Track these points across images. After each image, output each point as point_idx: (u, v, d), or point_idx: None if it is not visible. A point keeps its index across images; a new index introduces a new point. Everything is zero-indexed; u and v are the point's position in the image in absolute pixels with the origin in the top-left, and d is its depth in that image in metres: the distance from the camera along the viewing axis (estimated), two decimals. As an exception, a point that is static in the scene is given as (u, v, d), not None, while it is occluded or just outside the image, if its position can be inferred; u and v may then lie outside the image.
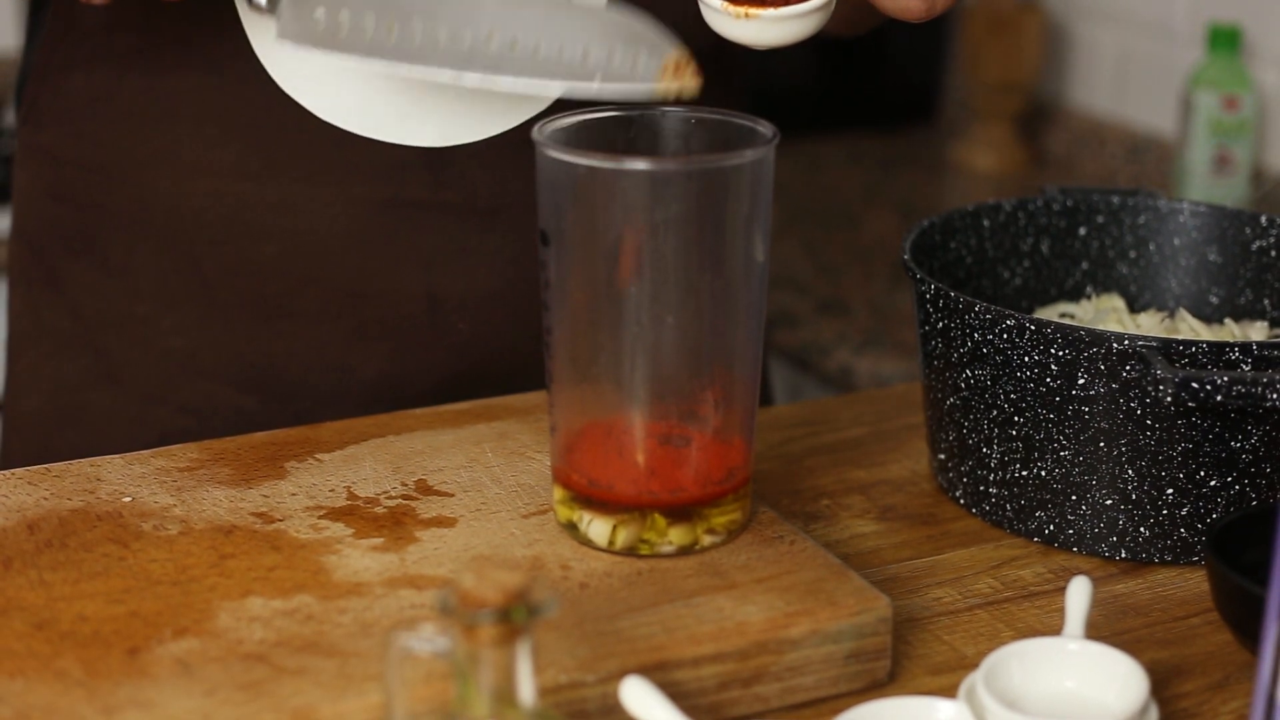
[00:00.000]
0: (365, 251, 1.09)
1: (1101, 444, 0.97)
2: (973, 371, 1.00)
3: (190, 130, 1.09)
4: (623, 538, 0.90)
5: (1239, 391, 0.91)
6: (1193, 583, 0.98)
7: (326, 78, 1.05)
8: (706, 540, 0.90)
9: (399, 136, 1.07)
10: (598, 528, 0.90)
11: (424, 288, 1.10)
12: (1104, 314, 1.12)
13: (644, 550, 0.90)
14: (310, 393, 1.12)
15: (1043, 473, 0.99)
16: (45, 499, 0.94)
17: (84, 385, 1.15)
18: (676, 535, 0.90)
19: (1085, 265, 1.16)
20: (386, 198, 1.08)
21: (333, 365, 1.11)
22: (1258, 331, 1.09)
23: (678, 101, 0.93)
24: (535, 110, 1.07)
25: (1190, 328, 1.10)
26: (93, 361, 1.14)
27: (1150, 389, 0.94)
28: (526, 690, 0.69)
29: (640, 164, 0.85)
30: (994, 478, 1.02)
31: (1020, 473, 1.00)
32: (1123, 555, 1.00)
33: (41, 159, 1.15)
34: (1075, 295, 1.16)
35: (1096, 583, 0.97)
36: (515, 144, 1.07)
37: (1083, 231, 1.15)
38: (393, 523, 0.93)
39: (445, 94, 1.06)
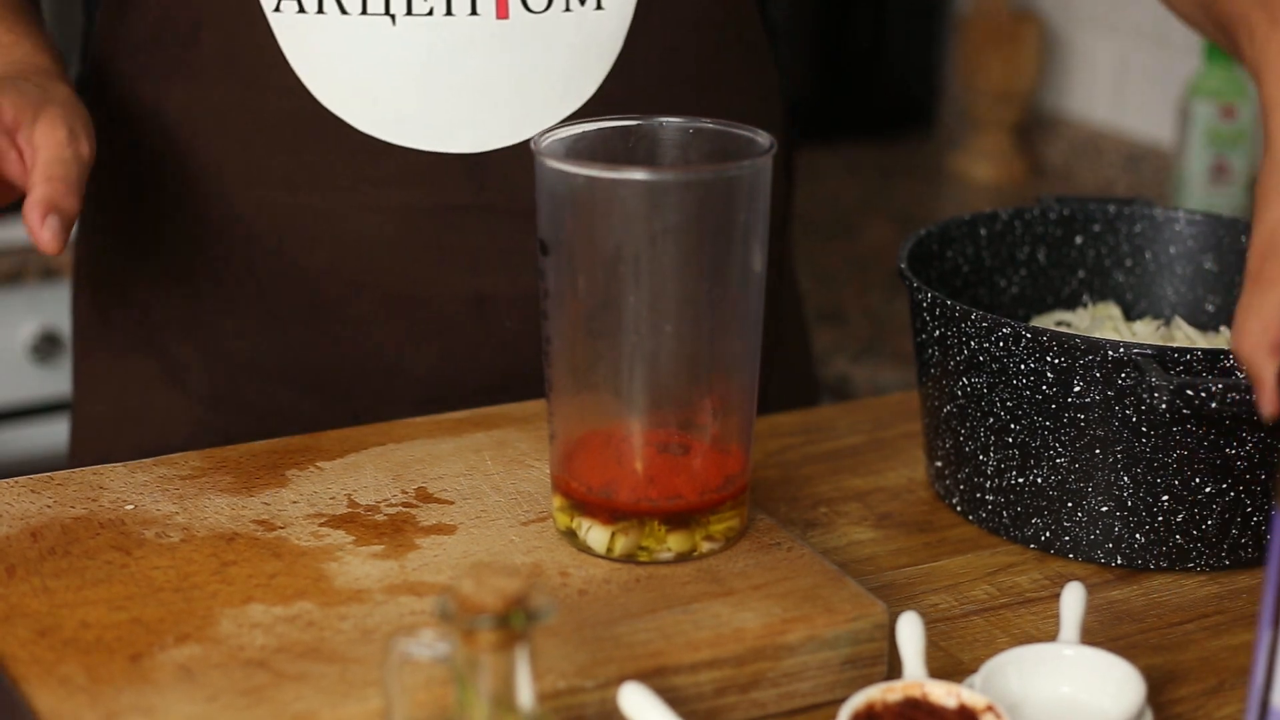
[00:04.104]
0: (411, 256, 1.11)
1: (1097, 451, 0.97)
2: (969, 379, 1.01)
3: (236, 144, 1.10)
4: (621, 545, 0.90)
5: (1233, 399, 0.92)
6: (1188, 589, 0.99)
7: (362, 89, 1.07)
8: (704, 547, 0.91)
9: (437, 144, 1.08)
10: (596, 535, 0.90)
11: (471, 289, 1.12)
12: (1100, 322, 1.12)
13: (642, 557, 0.90)
14: (365, 393, 1.14)
15: (1039, 480, 1.00)
16: (48, 507, 0.95)
17: (149, 386, 1.16)
18: (675, 542, 0.90)
19: (1082, 274, 1.16)
20: (430, 204, 1.09)
21: (385, 367, 1.13)
22: (1253, 339, 1.10)
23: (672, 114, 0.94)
24: (571, 109, 1.09)
25: (1186, 335, 1.11)
26: (157, 363, 1.16)
27: (1145, 396, 0.95)
28: (525, 696, 0.70)
29: (638, 174, 0.86)
30: (990, 485, 1.02)
31: (1016, 480, 1.01)
32: (1118, 562, 1.00)
33: (96, 171, 1.15)
34: (1072, 304, 1.16)
35: (1092, 589, 0.97)
36: None
37: (1079, 240, 1.16)
38: (393, 530, 0.93)
39: (481, 100, 1.07)
